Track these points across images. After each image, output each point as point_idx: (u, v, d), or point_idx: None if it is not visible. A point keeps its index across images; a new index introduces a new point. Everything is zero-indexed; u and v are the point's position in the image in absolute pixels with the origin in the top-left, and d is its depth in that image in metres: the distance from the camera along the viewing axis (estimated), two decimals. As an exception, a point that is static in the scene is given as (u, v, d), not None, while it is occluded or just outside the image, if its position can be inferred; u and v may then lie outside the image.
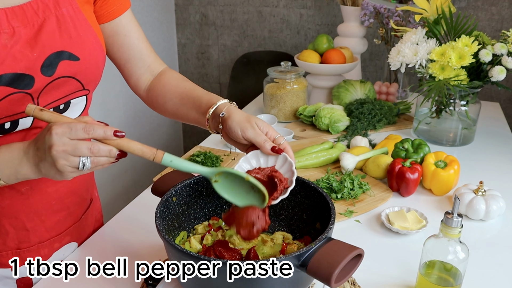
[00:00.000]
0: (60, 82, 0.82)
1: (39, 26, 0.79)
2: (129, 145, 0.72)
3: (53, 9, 0.80)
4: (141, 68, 1.01)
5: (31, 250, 0.95)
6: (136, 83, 1.03)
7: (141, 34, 1.01)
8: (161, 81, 1.01)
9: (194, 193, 0.89)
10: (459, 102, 1.48)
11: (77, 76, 0.85)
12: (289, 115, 1.75)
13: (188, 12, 2.85)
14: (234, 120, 0.84)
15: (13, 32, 0.76)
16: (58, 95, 0.84)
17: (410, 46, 1.43)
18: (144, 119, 2.71)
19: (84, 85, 0.88)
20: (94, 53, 0.86)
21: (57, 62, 0.80)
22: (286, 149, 0.82)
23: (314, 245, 0.69)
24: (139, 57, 1.00)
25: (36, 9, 0.79)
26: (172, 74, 1.03)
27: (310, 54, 1.79)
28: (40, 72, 0.79)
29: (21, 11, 0.77)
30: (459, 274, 0.81)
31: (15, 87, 0.77)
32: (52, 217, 0.95)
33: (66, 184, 0.95)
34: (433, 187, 1.23)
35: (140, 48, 1.00)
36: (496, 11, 2.23)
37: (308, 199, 0.87)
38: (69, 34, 0.82)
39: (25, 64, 0.77)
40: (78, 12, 0.84)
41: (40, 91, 0.80)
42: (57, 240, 0.98)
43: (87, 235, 1.07)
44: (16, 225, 0.91)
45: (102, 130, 0.70)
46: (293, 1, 2.59)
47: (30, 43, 0.77)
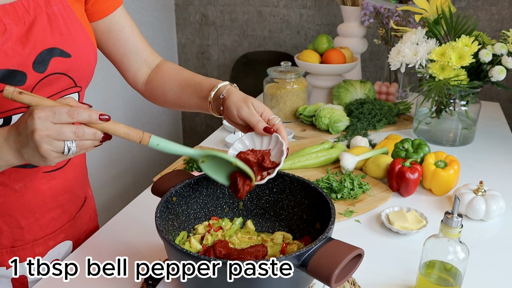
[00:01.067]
0: (52, 78, 0.83)
1: (30, 23, 0.79)
2: (115, 127, 0.70)
3: (44, 7, 0.81)
4: (137, 62, 1.03)
5: (26, 248, 0.95)
6: (133, 77, 1.04)
7: (135, 29, 1.02)
8: (159, 73, 1.02)
9: (194, 193, 0.89)
10: (459, 102, 1.48)
11: (69, 73, 0.86)
12: (289, 115, 1.75)
13: (188, 12, 2.85)
14: (232, 100, 0.85)
15: (4, 29, 0.76)
16: (50, 92, 0.85)
17: (410, 46, 1.43)
18: (144, 119, 2.71)
19: (76, 82, 0.88)
20: (85, 50, 0.87)
21: (48, 58, 0.81)
22: (280, 129, 0.83)
23: (314, 245, 0.69)
24: (135, 51, 1.01)
25: (27, 7, 0.79)
26: (169, 64, 1.04)
27: (310, 54, 1.80)
28: (32, 68, 0.79)
29: (12, 9, 0.78)
30: (459, 274, 0.81)
31: (7, 83, 0.77)
32: (47, 215, 0.95)
33: (60, 182, 0.95)
34: (433, 187, 1.23)
35: (135, 42, 1.01)
36: (496, 11, 2.23)
37: (308, 199, 0.87)
38: (60, 31, 0.83)
39: (17, 60, 0.77)
40: (68, 10, 0.85)
41: (33, 87, 0.81)
42: (51, 238, 0.99)
43: (81, 234, 1.08)
44: (10, 223, 0.91)
45: (87, 114, 0.67)
46: (293, 1, 2.59)
47: (22, 40, 0.78)
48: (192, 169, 1.35)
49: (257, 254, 0.80)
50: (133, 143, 2.59)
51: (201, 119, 3.11)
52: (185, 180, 0.86)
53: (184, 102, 0.98)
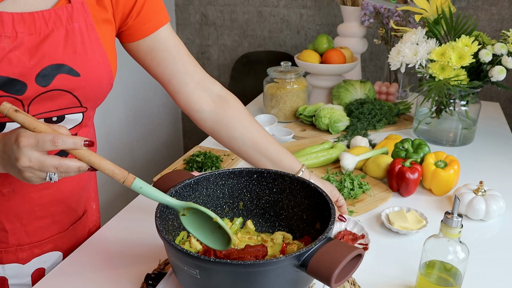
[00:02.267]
0: (55, 94, 0.81)
1: (45, 35, 0.78)
2: (101, 163, 0.70)
3: (64, 21, 0.79)
4: (189, 84, 0.96)
5: (9, 252, 0.94)
6: (186, 101, 0.97)
7: (182, 48, 0.96)
8: (227, 111, 0.98)
9: (194, 193, 0.89)
10: (459, 102, 1.48)
11: (75, 91, 0.83)
12: (289, 115, 1.75)
13: (188, 12, 2.85)
14: None
15: (15, 37, 0.75)
16: (51, 107, 0.83)
17: (410, 46, 1.43)
18: (144, 119, 2.71)
19: (81, 102, 0.86)
20: (99, 72, 0.84)
21: (54, 74, 0.79)
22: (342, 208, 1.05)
23: (314, 245, 0.69)
24: (184, 72, 0.95)
25: (47, 19, 0.78)
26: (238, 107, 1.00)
27: (310, 54, 1.79)
28: (35, 81, 0.78)
29: (30, 18, 0.76)
30: (459, 274, 0.81)
31: (5, 90, 0.76)
32: (34, 223, 0.94)
33: (52, 192, 0.93)
34: (433, 187, 1.23)
35: (183, 62, 0.95)
36: (496, 11, 2.23)
37: (308, 199, 0.87)
38: (74, 49, 0.80)
39: (19, 70, 0.76)
40: (91, 29, 0.82)
41: (32, 99, 0.79)
42: (38, 246, 0.96)
43: (76, 247, 1.02)
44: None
45: (72, 141, 0.67)
46: (293, 1, 2.59)
47: (31, 51, 0.77)
48: (192, 169, 1.35)
49: (257, 254, 0.80)
50: (132, 141, 2.60)
51: (201, 119, 3.11)
52: (185, 180, 0.86)
53: (255, 163, 1.00)
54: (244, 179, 0.91)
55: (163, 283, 0.84)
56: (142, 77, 2.59)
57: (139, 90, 2.62)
